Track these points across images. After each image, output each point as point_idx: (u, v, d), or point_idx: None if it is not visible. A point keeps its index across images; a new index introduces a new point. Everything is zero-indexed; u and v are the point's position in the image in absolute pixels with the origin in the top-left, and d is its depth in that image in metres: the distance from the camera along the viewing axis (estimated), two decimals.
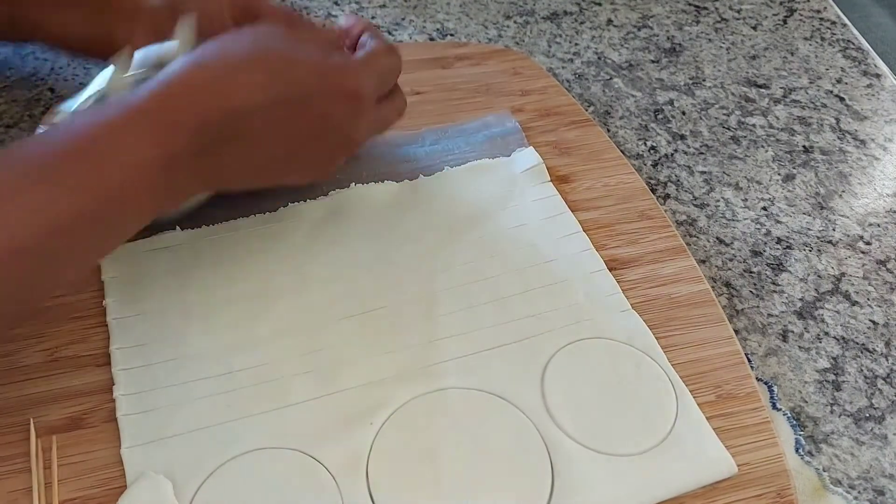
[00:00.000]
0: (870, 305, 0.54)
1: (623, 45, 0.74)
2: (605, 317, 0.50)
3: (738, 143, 0.65)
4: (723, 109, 0.68)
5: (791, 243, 0.58)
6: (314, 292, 0.50)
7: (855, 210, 0.60)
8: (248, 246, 0.53)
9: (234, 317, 0.49)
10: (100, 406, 0.45)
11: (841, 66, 0.73)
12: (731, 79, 0.71)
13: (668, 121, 0.67)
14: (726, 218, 0.60)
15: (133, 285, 0.50)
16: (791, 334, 0.53)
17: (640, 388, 0.47)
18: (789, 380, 0.50)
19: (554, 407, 0.46)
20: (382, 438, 0.44)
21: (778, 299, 0.55)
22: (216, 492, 0.41)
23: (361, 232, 0.54)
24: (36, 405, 0.45)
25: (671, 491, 0.43)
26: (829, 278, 0.56)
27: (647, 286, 0.53)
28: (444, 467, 0.43)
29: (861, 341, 0.52)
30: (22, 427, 0.44)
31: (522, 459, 0.43)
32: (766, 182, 0.62)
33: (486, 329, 0.49)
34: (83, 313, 0.49)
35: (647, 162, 0.64)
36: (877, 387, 0.50)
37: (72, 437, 0.43)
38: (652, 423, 0.45)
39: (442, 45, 0.72)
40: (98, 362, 0.47)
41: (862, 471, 0.46)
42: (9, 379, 0.46)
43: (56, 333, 0.48)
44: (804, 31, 0.77)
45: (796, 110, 0.69)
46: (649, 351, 0.49)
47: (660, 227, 0.56)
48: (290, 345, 0.48)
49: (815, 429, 0.48)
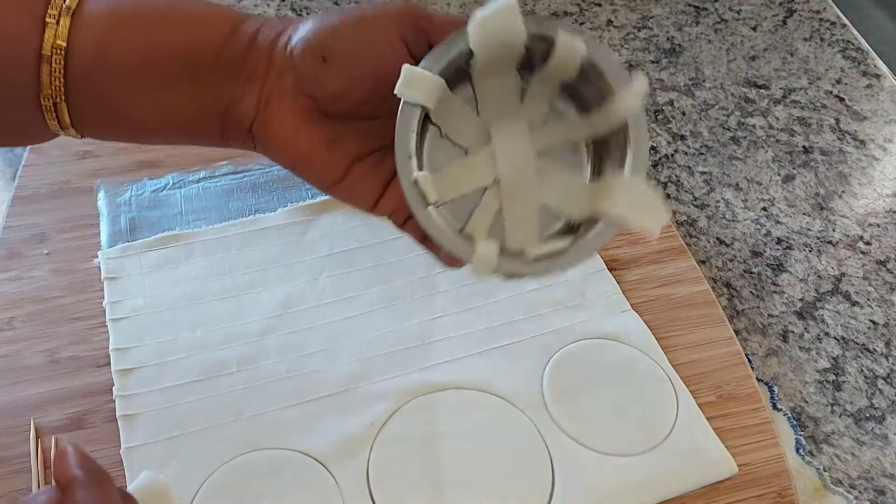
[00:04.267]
0: (870, 305, 0.54)
1: (623, 46, 0.74)
2: (605, 317, 0.50)
3: (738, 144, 0.65)
4: (723, 110, 0.68)
5: (791, 244, 0.58)
6: (317, 295, 0.50)
7: (855, 210, 0.60)
8: (246, 247, 0.53)
9: (233, 318, 0.49)
10: (100, 406, 0.45)
11: (840, 66, 0.73)
12: (730, 79, 0.71)
13: (668, 121, 0.67)
14: (726, 218, 0.60)
15: (132, 287, 0.50)
16: (791, 334, 0.53)
17: (640, 389, 0.47)
18: (790, 380, 0.50)
19: (554, 407, 0.46)
20: (382, 438, 0.44)
21: (778, 300, 0.55)
22: (217, 492, 0.41)
23: (357, 232, 0.54)
24: (36, 406, 0.45)
25: (671, 491, 0.43)
26: (830, 278, 0.56)
27: (647, 287, 0.53)
28: (444, 467, 0.43)
29: (861, 341, 0.52)
30: (23, 428, 0.44)
31: (523, 459, 0.43)
32: (766, 182, 0.62)
33: (485, 329, 0.49)
34: (82, 314, 0.49)
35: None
36: (877, 387, 0.50)
37: (72, 437, 0.43)
38: (652, 424, 0.45)
39: None
40: (98, 363, 0.47)
41: (863, 471, 0.46)
42: (10, 380, 0.46)
43: (56, 334, 0.48)
44: (804, 32, 0.77)
45: (796, 111, 0.69)
46: (649, 351, 0.49)
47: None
48: (290, 346, 0.48)
49: (816, 429, 0.48)
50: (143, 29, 0.37)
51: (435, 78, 0.35)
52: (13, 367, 0.47)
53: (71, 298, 0.50)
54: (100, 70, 0.37)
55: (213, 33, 0.37)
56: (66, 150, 0.59)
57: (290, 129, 0.38)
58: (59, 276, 0.51)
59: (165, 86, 0.38)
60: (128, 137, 0.40)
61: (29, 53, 0.36)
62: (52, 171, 0.58)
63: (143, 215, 0.55)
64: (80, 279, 0.51)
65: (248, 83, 0.38)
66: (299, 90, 0.37)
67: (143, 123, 0.39)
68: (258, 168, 0.58)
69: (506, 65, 0.38)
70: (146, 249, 0.52)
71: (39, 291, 0.50)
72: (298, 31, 0.37)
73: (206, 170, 0.58)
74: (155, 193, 0.56)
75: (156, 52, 0.37)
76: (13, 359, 0.47)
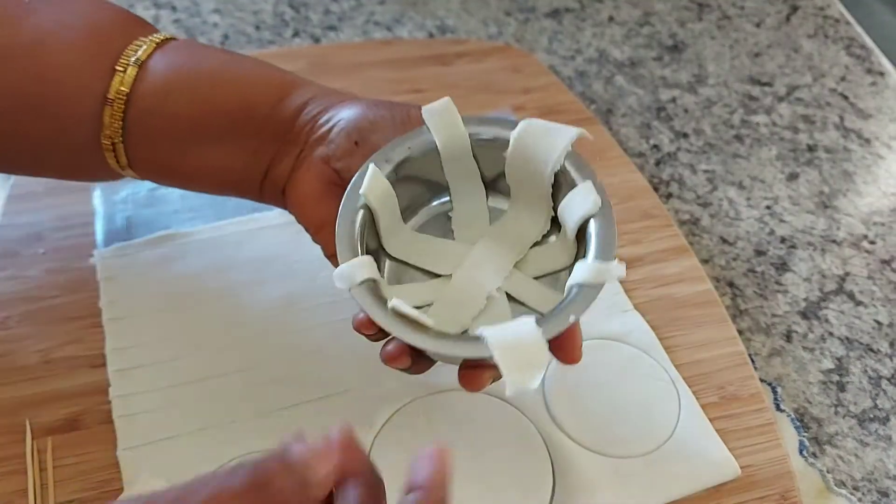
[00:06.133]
0: (874, 305, 0.54)
1: (625, 43, 0.74)
2: (607, 317, 0.50)
3: (742, 142, 0.65)
4: (726, 107, 0.68)
5: (795, 242, 0.58)
6: (316, 294, 0.50)
7: (859, 209, 0.60)
8: (243, 247, 0.52)
9: (229, 318, 0.49)
10: (96, 407, 0.44)
11: (845, 63, 0.72)
12: (734, 76, 0.71)
13: (671, 119, 0.67)
14: (730, 217, 0.59)
15: (128, 286, 0.50)
16: (795, 335, 0.52)
17: (642, 390, 0.46)
18: (793, 381, 0.50)
19: (555, 408, 0.45)
20: (382, 439, 0.43)
21: (782, 299, 0.54)
22: None
23: None
24: (31, 406, 0.44)
25: (674, 493, 0.42)
26: (834, 278, 0.55)
27: (649, 286, 0.52)
28: None
29: (865, 342, 0.52)
30: (17, 428, 0.43)
31: (523, 461, 0.43)
32: (769, 181, 0.62)
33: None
34: (78, 314, 0.49)
35: (650, 160, 0.63)
36: (881, 388, 0.49)
37: (68, 438, 0.43)
38: (654, 425, 0.45)
39: (442, 43, 0.71)
40: (93, 363, 0.46)
41: (866, 472, 0.46)
42: (4, 380, 0.46)
43: (51, 334, 0.48)
44: (807, 29, 0.76)
45: (800, 108, 0.68)
46: (651, 351, 0.48)
47: (662, 226, 0.56)
48: (289, 345, 0.47)
49: (819, 430, 0.47)
50: (201, 85, 0.41)
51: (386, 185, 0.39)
52: (7, 367, 0.46)
53: (66, 298, 0.50)
54: (157, 117, 0.41)
55: (265, 97, 0.41)
56: None
57: (313, 197, 0.41)
58: (54, 275, 0.51)
59: (216, 141, 0.41)
60: (179, 184, 0.44)
61: (97, 97, 0.40)
62: None
63: (139, 214, 0.54)
64: (76, 278, 0.51)
65: (290, 146, 0.41)
66: (328, 161, 0.40)
67: (194, 172, 0.43)
68: None
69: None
70: (142, 248, 0.52)
71: (34, 291, 0.50)
72: (343, 113, 0.40)
73: None
74: (151, 192, 0.56)
75: (210, 107, 0.41)
76: (7, 358, 0.47)
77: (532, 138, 0.40)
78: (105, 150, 0.42)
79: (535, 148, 0.41)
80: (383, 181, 0.39)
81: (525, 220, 0.43)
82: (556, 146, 0.40)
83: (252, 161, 0.42)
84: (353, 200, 0.38)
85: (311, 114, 0.41)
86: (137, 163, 0.43)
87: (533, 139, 0.40)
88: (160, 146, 0.42)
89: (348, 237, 0.37)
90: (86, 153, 0.42)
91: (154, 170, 0.43)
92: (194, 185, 0.44)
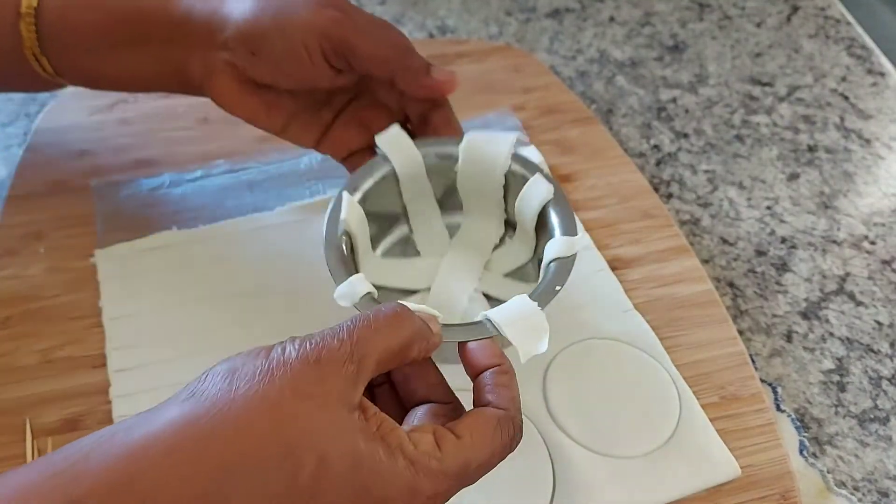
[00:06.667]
0: (875, 306, 0.54)
1: (626, 43, 0.74)
2: (607, 317, 0.50)
3: (742, 142, 0.65)
4: (727, 107, 0.68)
5: (795, 243, 0.57)
6: (310, 292, 0.50)
7: (860, 209, 0.60)
8: (243, 246, 0.52)
9: (229, 316, 0.49)
10: (96, 407, 0.44)
11: (845, 64, 0.72)
12: (734, 76, 0.71)
13: (672, 119, 0.67)
14: (730, 217, 0.59)
15: (128, 286, 0.50)
16: (795, 335, 0.52)
17: (642, 390, 0.46)
18: (793, 381, 0.50)
19: (555, 408, 0.45)
20: None
21: (782, 299, 0.54)
22: None
23: None
24: (31, 407, 0.44)
25: (674, 494, 0.42)
26: (834, 278, 0.55)
27: (649, 286, 0.52)
28: None
29: (866, 342, 0.52)
30: (18, 428, 0.43)
31: (523, 461, 0.43)
32: (770, 181, 0.62)
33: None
34: (78, 314, 0.49)
35: (651, 160, 0.63)
36: (881, 388, 0.49)
37: (68, 438, 0.43)
38: (654, 425, 0.45)
39: (442, 43, 0.71)
40: (94, 363, 0.46)
41: (866, 472, 0.46)
42: (4, 380, 0.46)
43: (51, 334, 0.48)
44: (808, 29, 0.76)
45: (801, 109, 0.68)
46: (652, 352, 0.48)
47: (663, 226, 0.56)
48: None
49: (820, 430, 0.47)
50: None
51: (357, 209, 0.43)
52: (7, 367, 0.46)
53: (67, 297, 0.50)
54: (63, 30, 0.45)
55: (152, 1, 0.45)
56: (63, 148, 0.59)
57: (234, 97, 0.45)
58: (54, 274, 0.51)
59: (123, 48, 0.45)
60: (110, 89, 0.49)
61: (14, 11, 0.45)
62: (49, 170, 0.58)
63: (139, 214, 0.54)
64: (76, 278, 0.51)
65: (191, 51, 0.45)
66: (234, 66, 0.44)
67: (116, 79, 0.48)
68: (256, 166, 0.58)
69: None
70: (142, 248, 0.52)
71: (35, 290, 0.50)
72: (232, 16, 0.43)
73: (203, 168, 0.57)
74: (152, 192, 0.56)
75: (105, 16, 0.45)
76: (7, 358, 0.47)
77: (478, 148, 0.45)
78: (31, 61, 0.46)
79: (482, 156, 0.45)
80: (358, 208, 0.43)
81: (481, 226, 0.48)
82: (501, 151, 0.45)
83: (160, 67, 0.46)
84: (334, 225, 0.42)
85: (199, 16, 0.44)
86: (63, 71, 0.47)
87: (479, 149, 0.45)
88: (76, 56, 0.46)
89: (339, 259, 0.41)
90: (16, 63, 0.46)
91: (80, 77, 0.48)
92: (123, 89, 0.50)
